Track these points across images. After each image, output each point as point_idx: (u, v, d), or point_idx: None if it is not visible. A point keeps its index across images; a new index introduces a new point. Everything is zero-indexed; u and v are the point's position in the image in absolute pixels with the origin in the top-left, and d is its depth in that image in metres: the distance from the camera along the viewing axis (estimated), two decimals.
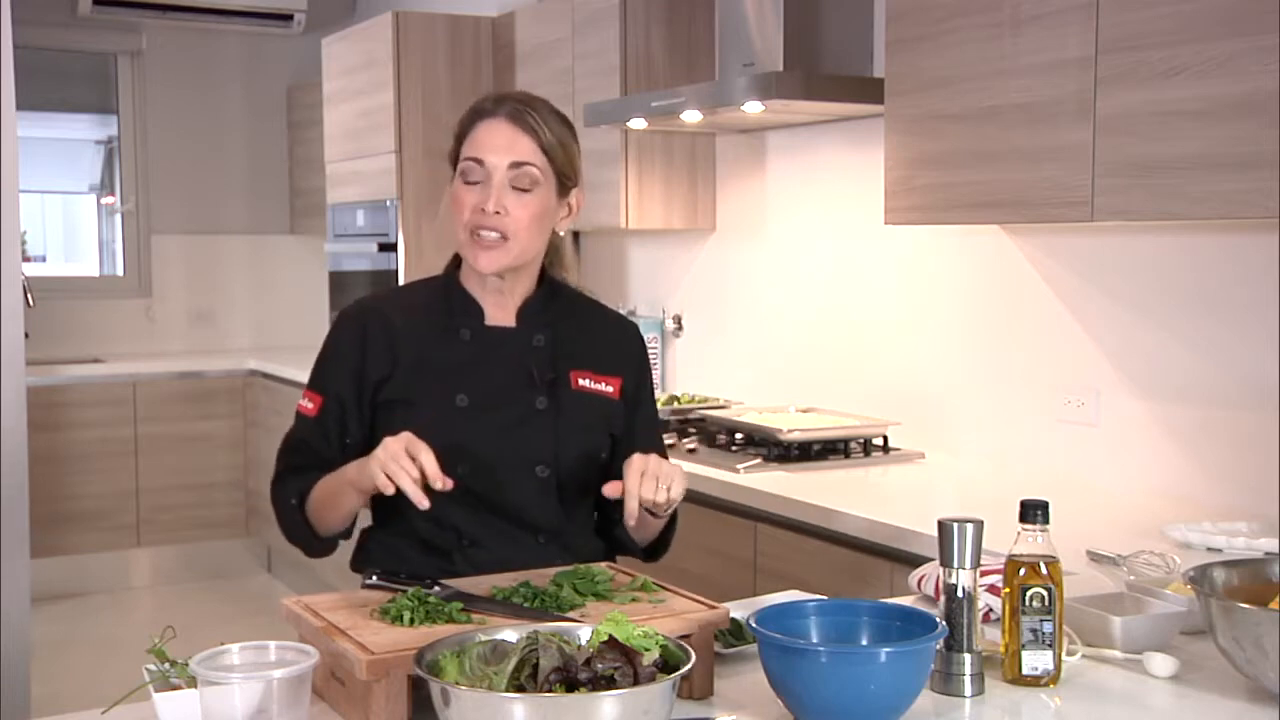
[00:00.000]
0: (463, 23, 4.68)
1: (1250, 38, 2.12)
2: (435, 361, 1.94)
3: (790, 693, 1.41)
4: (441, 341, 1.96)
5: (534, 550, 1.93)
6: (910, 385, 3.39)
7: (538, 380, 1.95)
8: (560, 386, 1.96)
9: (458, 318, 1.97)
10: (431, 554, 1.92)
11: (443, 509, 1.88)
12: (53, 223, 7.08)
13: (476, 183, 1.91)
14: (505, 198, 1.89)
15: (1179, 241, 2.72)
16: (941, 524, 1.55)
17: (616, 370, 2.02)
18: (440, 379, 1.93)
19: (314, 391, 1.97)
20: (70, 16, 5.92)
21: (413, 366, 1.94)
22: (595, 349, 2.02)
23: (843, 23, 3.37)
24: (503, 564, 1.86)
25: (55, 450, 5.45)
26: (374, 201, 4.82)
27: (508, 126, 1.91)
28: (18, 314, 3.29)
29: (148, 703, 1.42)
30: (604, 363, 2.01)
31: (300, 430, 1.98)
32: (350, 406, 1.94)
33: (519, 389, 1.93)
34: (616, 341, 2.07)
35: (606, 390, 1.99)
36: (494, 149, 1.90)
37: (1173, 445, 2.75)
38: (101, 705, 1.47)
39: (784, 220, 3.81)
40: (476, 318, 1.98)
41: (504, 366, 1.95)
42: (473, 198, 1.90)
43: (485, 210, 1.88)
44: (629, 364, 2.05)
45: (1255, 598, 1.56)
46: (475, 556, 1.91)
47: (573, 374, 1.97)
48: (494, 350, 1.96)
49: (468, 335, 1.96)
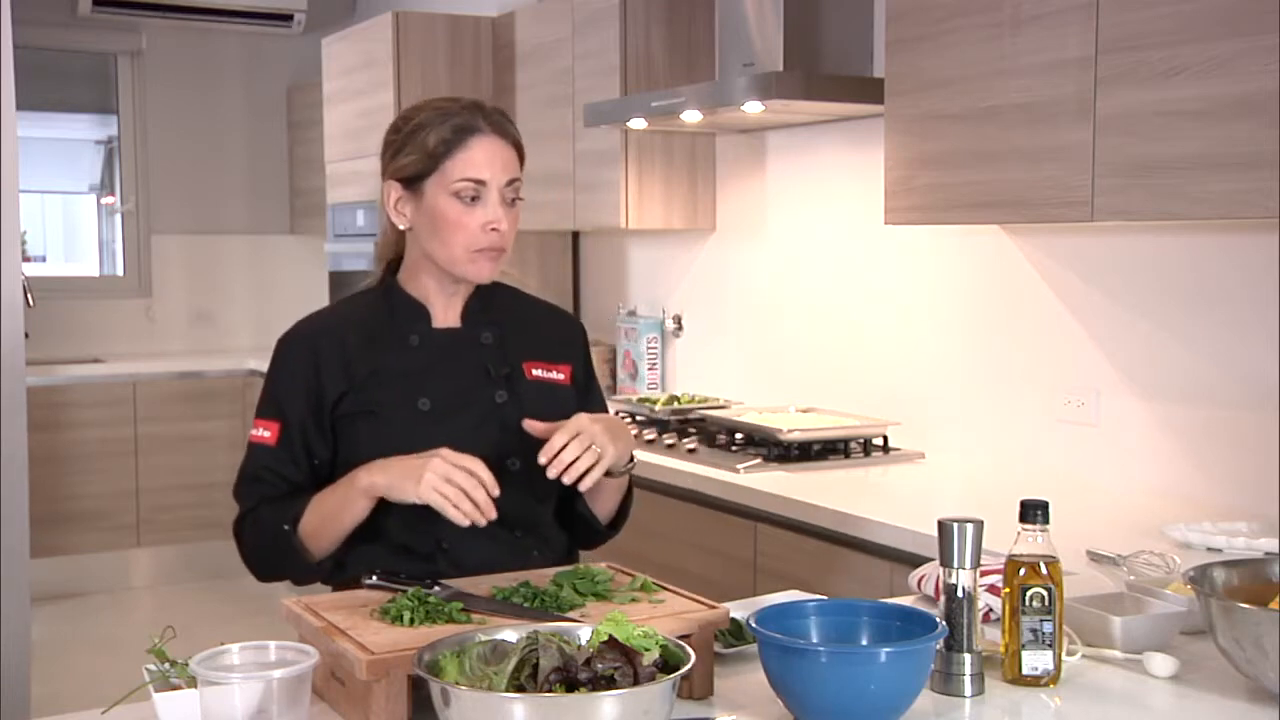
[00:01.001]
0: (463, 23, 4.68)
1: (1250, 38, 2.12)
2: (390, 369, 1.94)
3: (790, 693, 1.41)
4: (392, 349, 1.96)
5: (510, 545, 1.93)
6: (910, 385, 3.39)
7: (494, 375, 1.97)
8: (516, 379, 1.99)
9: (404, 324, 1.98)
10: (413, 559, 1.90)
11: (416, 513, 1.84)
12: (53, 223, 7.08)
13: (477, 202, 1.90)
14: (503, 213, 1.91)
15: (1179, 241, 2.72)
16: (941, 524, 1.55)
17: (565, 358, 2.05)
18: (398, 386, 1.93)
19: (268, 420, 1.94)
20: (70, 16, 5.92)
21: (368, 378, 1.93)
22: (541, 340, 2.05)
23: (843, 23, 3.37)
24: (483, 563, 1.86)
25: (55, 450, 5.45)
26: (374, 201, 4.82)
27: (499, 143, 1.92)
28: (18, 314, 3.29)
29: (148, 703, 1.42)
30: (552, 352, 2.05)
31: (260, 460, 1.93)
32: (311, 428, 1.93)
33: (477, 386, 1.95)
34: (560, 331, 2.11)
35: (559, 378, 2.03)
36: (493, 167, 1.90)
37: (1173, 445, 2.75)
38: (101, 705, 1.47)
39: (784, 220, 3.81)
40: (424, 321, 1.99)
41: (459, 366, 1.96)
42: (477, 218, 1.90)
43: (495, 229, 1.90)
44: (576, 352, 2.09)
45: (1255, 598, 1.56)
46: (456, 557, 1.90)
47: (525, 365, 2.01)
48: (446, 351, 1.97)
49: (416, 340, 1.97)
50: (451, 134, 1.90)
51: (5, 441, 3.27)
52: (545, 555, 1.97)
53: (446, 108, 1.94)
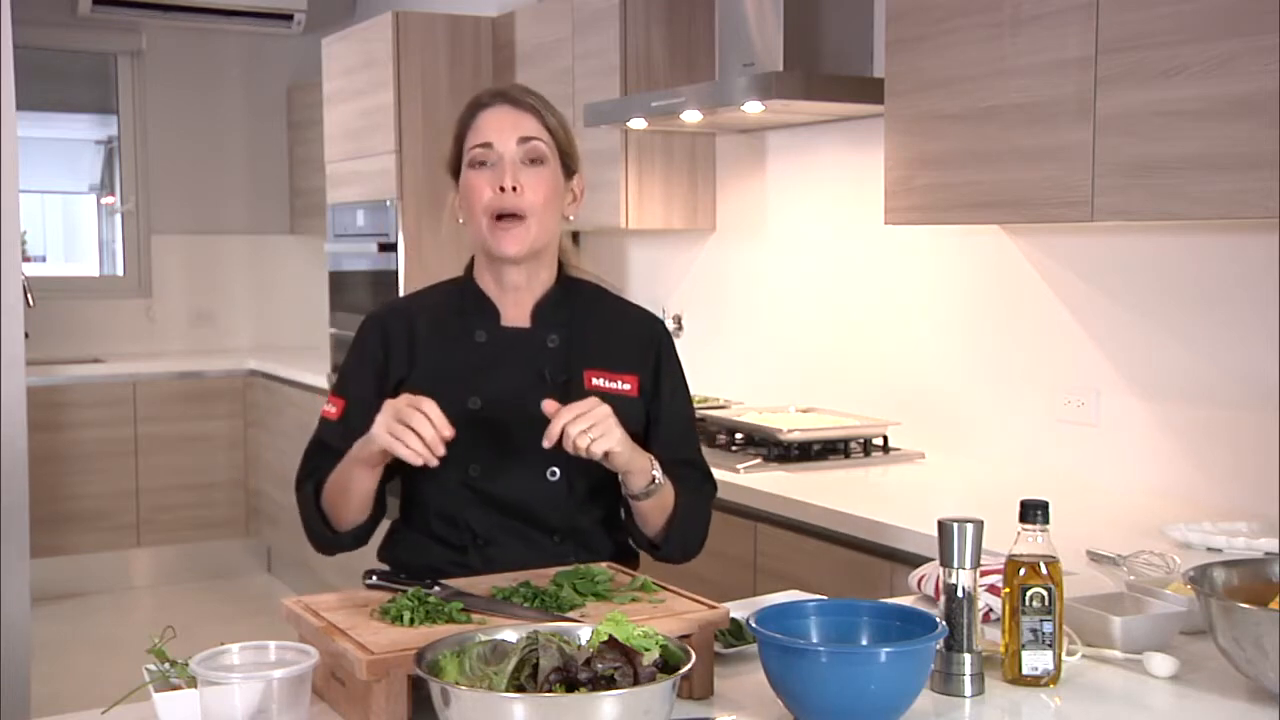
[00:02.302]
0: (463, 23, 4.68)
1: (1250, 38, 2.12)
2: (450, 364, 1.95)
3: (790, 693, 1.41)
4: (457, 344, 1.97)
5: (550, 550, 1.93)
6: (910, 385, 3.39)
7: (550, 381, 1.94)
8: (573, 387, 1.94)
9: (473, 319, 1.98)
10: (448, 549, 1.94)
11: (458, 509, 1.91)
12: (53, 223, 7.08)
13: (487, 167, 1.92)
14: (520, 174, 1.91)
15: (1179, 241, 2.72)
16: (941, 524, 1.55)
17: (632, 367, 2.00)
18: (454, 381, 1.93)
19: (337, 395, 1.99)
20: (70, 16, 5.92)
21: (429, 368, 1.95)
22: (610, 346, 2.00)
23: (843, 23, 3.37)
24: (519, 563, 1.86)
25: (55, 450, 5.45)
26: (374, 201, 4.82)
27: (510, 110, 1.95)
28: (18, 314, 3.29)
29: (148, 703, 1.42)
30: (619, 360, 1.99)
31: (322, 434, 1.98)
32: (372, 408, 1.94)
33: (531, 390, 1.91)
34: (633, 337, 2.04)
35: (623, 389, 1.97)
36: (500, 130, 1.92)
37: (1173, 445, 2.75)
38: (101, 705, 1.47)
39: (784, 220, 3.81)
40: (492, 319, 1.98)
41: (517, 368, 1.95)
42: (486, 180, 1.91)
43: (504, 189, 1.90)
44: (646, 359, 2.02)
45: (1255, 598, 1.56)
46: (492, 555, 1.92)
47: (587, 373, 1.96)
48: (508, 352, 1.96)
49: (483, 337, 1.97)
50: (465, 115, 1.98)
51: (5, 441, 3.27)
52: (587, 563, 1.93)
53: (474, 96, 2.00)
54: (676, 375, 2.07)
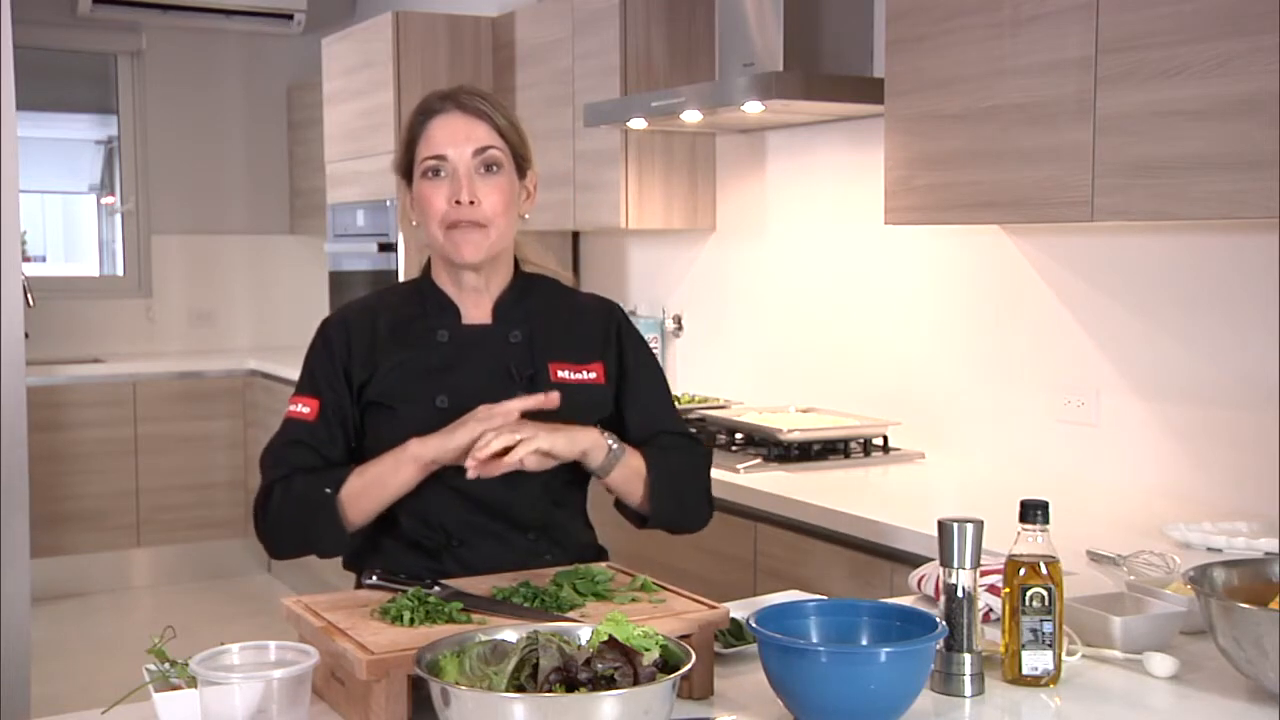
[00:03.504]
0: (463, 23, 4.68)
1: (1250, 38, 2.12)
2: (414, 364, 1.94)
3: (790, 693, 1.41)
4: (420, 344, 1.95)
5: (524, 547, 1.93)
6: (910, 385, 3.39)
7: (516, 377, 1.94)
8: (540, 381, 1.94)
9: (434, 319, 1.97)
10: (419, 554, 1.91)
11: (432, 508, 1.89)
12: (53, 223, 7.07)
13: (442, 178, 1.90)
14: (476, 186, 1.89)
15: (1179, 241, 2.72)
16: (941, 524, 1.55)
17: (596, 355, 2.00)
18: (419, 382, 1.92)
19: (307, 396, 1.94)
20: (70, 16, 5.92)
21: (392, 370, 1.93)
22: (572, 338, 2.01)
23: (843, 23, 3.37)
24: (493, 563, 1.86)
25: (55, 450, 5.45)
26: (374, 201, 4.82)
27: (461, 117, 1.92)
28: (18, 314, 3.29)
29: (148, 703, 1.42)
30: (582, 350, 2.00)
31: (296, 433, 1.92)
32: (347, 407, 1.94)
33: (498, 387, 1.90)
34: (592, 325, 2.04)
35: (589, 378, 1.98)
36: (453, 141, 1.90)
37: (1173, 445, 2.75)
38: (101, 705, 1.47)
39: (784, 220, 3.81)
40: (453, 318, 1.98)
41: (482, 365, 1.94)
42: (442, 194, 1.90)
43: (460, 202, 1.88)
44: (608, 344, 2.03)
45: (1255, 598, 1.56)
46: (464, 557, 1.90)
47: (552, 366, 1.96)
48: (472, 349, 1.96)
49: (445, 336, 1.96)
50: (416, 120, 1.95)
51: (5, 441, 3.27)
52: (560, 558, 1.93)
53: (423, 100, 1.97)
54: (641, 350, 2.08)
